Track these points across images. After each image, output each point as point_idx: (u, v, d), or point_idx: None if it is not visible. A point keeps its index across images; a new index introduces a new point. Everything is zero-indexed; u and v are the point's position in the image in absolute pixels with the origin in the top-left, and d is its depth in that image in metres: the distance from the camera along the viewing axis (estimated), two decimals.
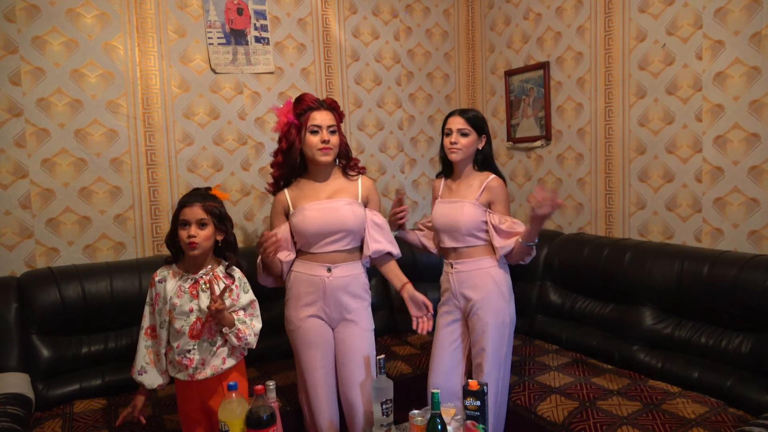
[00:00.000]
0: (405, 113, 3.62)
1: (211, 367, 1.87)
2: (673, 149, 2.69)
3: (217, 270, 1.92)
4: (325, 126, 2.08)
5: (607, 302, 2.74)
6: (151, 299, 1.94)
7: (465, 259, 2.26)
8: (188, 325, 1.84)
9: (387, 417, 1.96)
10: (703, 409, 2.07)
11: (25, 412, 2.02)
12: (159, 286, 1.90)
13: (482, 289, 2.22)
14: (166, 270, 1.92)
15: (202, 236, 1.84)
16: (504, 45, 3.60)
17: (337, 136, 2.11)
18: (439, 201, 2.36)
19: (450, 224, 2.26)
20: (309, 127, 2.08)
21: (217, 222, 1.88)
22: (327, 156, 2.09)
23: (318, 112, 2.09)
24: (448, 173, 2.39)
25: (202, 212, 1.84)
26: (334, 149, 2.11)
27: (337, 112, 2.15)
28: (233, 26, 3.00)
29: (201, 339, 1.86)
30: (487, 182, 2.24)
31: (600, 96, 3.01)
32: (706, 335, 2.33)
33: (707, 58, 2.52)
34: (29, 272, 2.47)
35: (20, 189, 2.56)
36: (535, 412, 2.24)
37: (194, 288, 1.86)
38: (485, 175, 2.27)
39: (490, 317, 2.19)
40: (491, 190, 2.23)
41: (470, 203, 2.23)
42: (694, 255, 2.42)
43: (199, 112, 2.96)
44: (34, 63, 2.56)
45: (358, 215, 2.11)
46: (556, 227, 3.35)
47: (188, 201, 1.86)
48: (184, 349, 1.85)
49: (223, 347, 1.89)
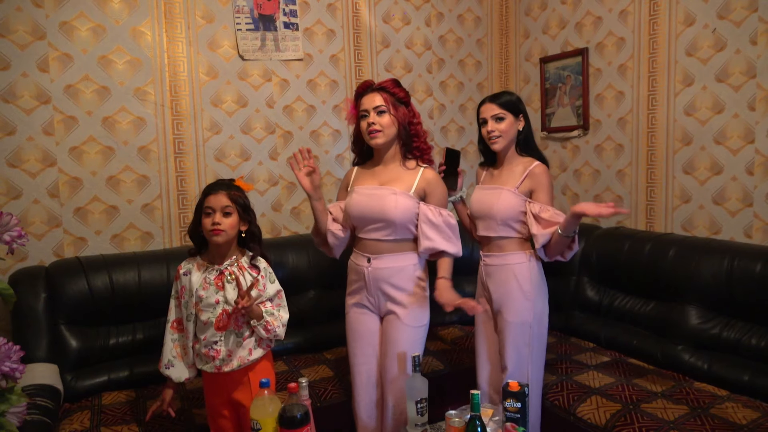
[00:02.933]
0: (436, 102, 3.52)
1: (237, 359, 1.84)
2: (722, 140, 2.55)
3: (242, 261, 1.88)
4: (372, 108, 2.00)
5: (648, 300, 2.62)
6: (176, 292, 1.92)
7: (495, 252, 2.18)
8: (214, 316, 1.82)
9: (422, 416, 1.90)
10: (755, 415, 1.95)
11: (54, 403, 1.99)
12: (184, 279, 1.88)
13: (502, 286, 2.15)
14: (191, 262, 1.90)
15: (227, 224, 1.80)
16: (539, 31, 3.47)
17: (388, 116, 2.00)
18: (479, 187, 2.26)
19: (485, 211, 2.17)
20: (360, 113, 2.04)
21: (242, 211, 1.85)
22: (376, 139, 2.01)
23: (366, 97, 2.03)
24: (491, 162, 2.29)
25: (227, 200, 1.81)
26: (385, 130, 2.00)
27: (389, 91, 2.02)
28: (262, 11, 2.93)
29: (228, 330, 1.83)
30: (530, 169, 2.12)
31: (643, 83, 2.87)
32: (758, 336, 2.21)
33: (763, 42, 2.37)
34: (57, 262, 2.45)
35: (48, 177, 2.53)
36: (574, 413, 2.15)
37: (219, 279, 1.83)
38: (529, 161, 2.16)
39: (510, 316, 2.12)
40: (534, 177, 2.11)
41: (509, 191, 2.12)
42: (745, 251, 2.29)
43: (227, 100, 2.90)
44: (62, 49, 2.52)
45: (401, 207, 1.99)
46: (593, 221, 3.23)
47: (213, 189, 1.84)
48: (211, 341, 1.83)
49: (250, 338, 1.86)
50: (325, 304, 2.82)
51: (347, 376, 2.30)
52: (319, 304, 2.81)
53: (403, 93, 2.06)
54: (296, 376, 2.35)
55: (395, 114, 2.01)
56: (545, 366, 2.30)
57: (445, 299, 1.97)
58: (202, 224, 1.83)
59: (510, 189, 2.13)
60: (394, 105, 2.02)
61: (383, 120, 1.99)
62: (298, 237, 2.94)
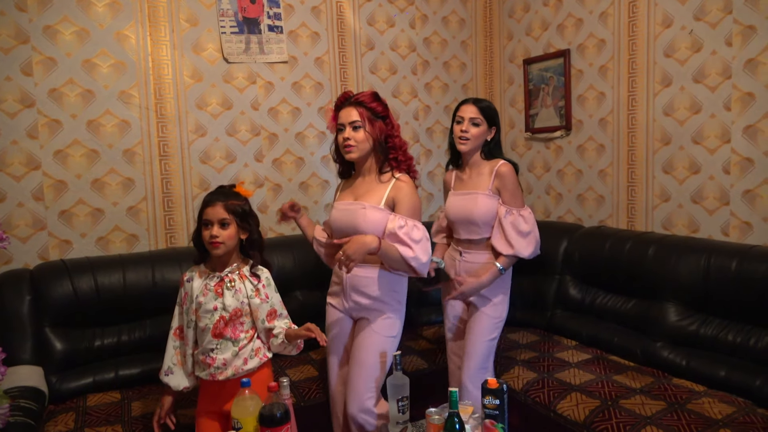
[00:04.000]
0: (421, 103, 3.55)
1: (232, 368, 1.84)
2: (700, 139, 2.60)
3: (243, 269, 1.90)
4: (347, 123, 2.02)
5: (629, 298, 2.66)
6: (180, 299, 1.93)
7: (476, 250, 2.29)
8: (212, 323, 1.83)
9: (403, 414, 1.92)
10: (731, 410, 1.99)
11: (38, 405, 2.00)
12: (187, 286, 1.89)
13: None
14: (194, 270, 1.92)
15: (224, 236, 1.81)
16: (523, 32, 3.51)
17: (362, 131, 2.01)
18: (453, 193, 2.35)
19: (465, 217, 2.26)
20: (337, 126, 2.07)
21: (240, 221, 1.85)
22: (350, 153, 2.03)
23: (343, 110, 2.05)
24: (456, 162, 2.39)
25: (223, 212, 1.82)
26: (359, 145, 2.01)
27: (365, 106, 2.02)
28: (246, 14, 2.95)
29: (224, 338, 1.84)
30: (496, 168, 2.23)
31: (623, 84, 2.91)
32: (734, 333, 2.24)
33: (738, 44, 2.41)
34: (42, 264, 2.46)
35: (33, 181, 2.54)
36: (554, 410, 2.18)
37: (219, 286, 1.85)
38: (494, 161, 2.27)
39: (489, 310, 2.25)
40: (500, 177, 2.22)
41: (483, 194, 2.24)
42: (722, 249, 2.33)
43: (211, 103, 2.92)
44: (46, 53, 2.53)
45: (370, 221, 1.99)
46: (576, 220, 3.27)
47: (210, 200, 1.85)
48: (208, 348, 1.84)
49: (246, 347, 1.86)
50: (310, 304, 2.83)
51: None
52: (304, 305, 2.83)
53: (380, 107, 2.04)
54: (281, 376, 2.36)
55: (370, 130, 2.01)
56: (526, 364, 2.50)
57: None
58: (202, 236, 1.84)
59: (484, 192, 2.23)
60: (370, 120, 2.02)
61: (358, 135, 2.01)
62: (284, 238, 2.96)
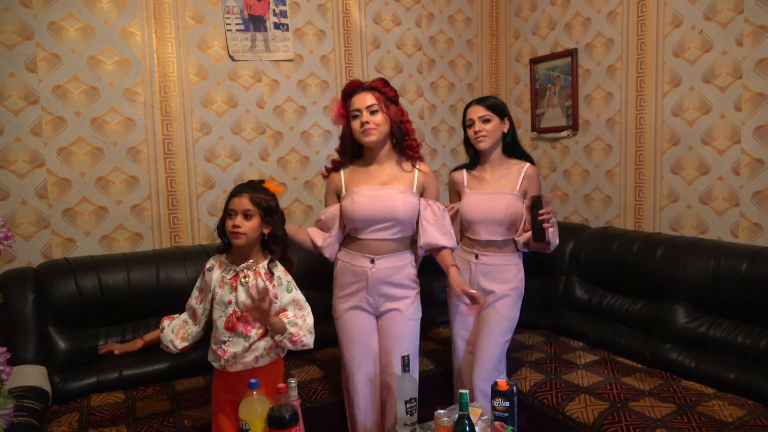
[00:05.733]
0: (426, 102, 3.52)
1: (242, 363, 1.84)
2: (709, 140, 2.57)
3: (260, 266, 1.88)
4: (364, 107, 2.02)
5: (636, 299, 2.64)
6: (200, 284, 1.94)
7: (494, 252, 2.26)
8: (225, 316, 1.83)
9: (411, 416, 1.90)
10: (741, 412, 1.97)
11: (41, 405, 1.98)
12: (208, 274, 1.90)
13: (506, 285, 2.24)
14: (216, 259, 1.92)
15: (246, 227, 1.81)
16: (529, 31, 3.49)
17: (381, 114, 2.02)
18: (473, 192, 2.29)
19: (490, 217, 2.23)
20: (351, 113, 2.05)
21: (264, 214, 1.85)
22: (370, 136, 2.02)
23: (357, 96, 2.05)
24: (475, 164, 2.35)
25: (248, 203, 1.82)
26: (378, 128, 2.02)
27: (380, 90, 2.05)
28: (252, 12, 2.92)
29: (236, 332, 1.83)
30: (525, 171, 2.24)
31: (631, 84, 2.89)
32: (744, 335, 2.23)
33: (749, 44, 2.39)
34: (46, 263, 2.44)
35: (37, 178, 2.52)
36: (563, 412, 2.16)
37: (234, 280, 1.85)
38: (521, 163, 2.27)
39: (505, 311, 2.22)
40: (529, 179, 2.24)
41: (510, 195, 2.22)
42: (732, 251, 2.31)
43: (217, 101, 2.89)
44: (50, 49, 2.51)
45: (409, 205, 2.05)
46: (582, 220, 3.25)
47: (238, 191, 1.86)
48: (220, 340, 1.84)
49: (258, 344, 1.85)
50: (315, 304, 2.78)
51: (338, 377, 2.29)
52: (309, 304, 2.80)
53: (392, 92, 2.09)
54: (286, 377, 2.34)
55: (387, 112, 2.04)
56: (533, 365, 2.48)
57: (460, 283, 2.04)
58: (225, 225, 1.85)
59: (510, 192, 2.22)
60: (385, 104, 2.05)
61: (376, 118, 2.02)
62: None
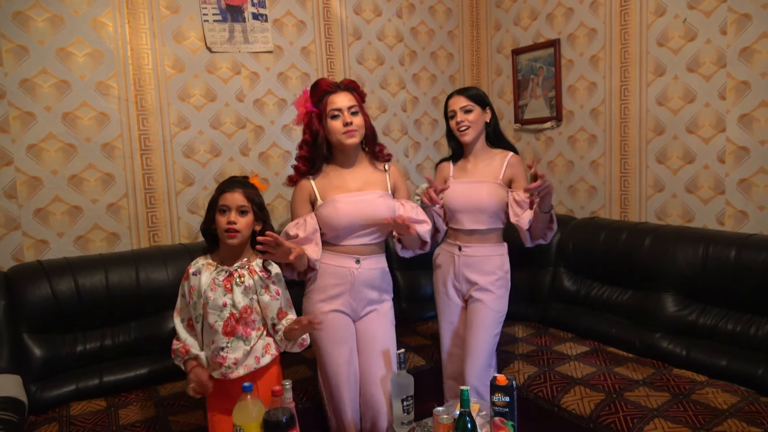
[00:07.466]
0: (409, 94, 3.47)
1: (244, 367, 1.77)
2: (695, 129, 2.59)
3: (254, 264, 1.81)
4: (346, 108, 1.96)
5: (625, 289, 2.64)
6: (184, 291, 1.83)
7: (477, 244, 2.22)
8: (222, 320, 1.75)
9: (408, 414, 1.87)
10: (735, 399, 1.98)
11: (18, 417, 1.88)
12: (194, 279, 1.79)
13: (491, 276, 2.21)
14: (201, 261, 1.82)
15: (242, 223, 1.75)
16: (511, 22, 3.46)
17: (360, 116, 1.99)
18: (456, 181, 2.26)
19: (472, 205, 2.19)
20: (329, 113, 1.96)
21: (257, 210, 1.80)
22: (353, 138, 1.97)
23: (336, 95, 1.97)
24: (459, 157, 2.32)
25: (243, 199, 1.76)
26: (359, 130, 1.99)
27: (357, 92, 2.03)
28: (229, 2, 2.82)
29: (236, 336, 1.76)
30: (508, 159, 2.22)
31: (615, 74, 2.89)
32: (733, 322, 2.24)
33: (732, 32, 2.40)
34: (17, 266, 2.31)
35: (5, 177, 2.39)
36: (559, 404, 2.14)
37: (228, 281, 1.76)
38: (504, 153, 2.25)
39: (493, 304, 2.19)
40: (513, 168, 2.21)
41: (493, 183, 2.19)
42: (719, 238, 2.32)
43: (194, 94, 2.79)
44: (16, 41, 2.38)
45: (390, 208, 2.02)
46: (567, 212, 3.25)
47: (229, 187, 1.79)
48: (219, 346, 1.75)
49: (258, 345, 1.79)
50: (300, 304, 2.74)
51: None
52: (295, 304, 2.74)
53: (365, 94, 2.10)
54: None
55: (364, 114, 2.02)
56: (525, 358, 2.46)
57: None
58: (217, 222, 1.77)
59: (494, 181, 2.19)
60: (361, 105, 2.03)
61: (357, 120, 1.98)
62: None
